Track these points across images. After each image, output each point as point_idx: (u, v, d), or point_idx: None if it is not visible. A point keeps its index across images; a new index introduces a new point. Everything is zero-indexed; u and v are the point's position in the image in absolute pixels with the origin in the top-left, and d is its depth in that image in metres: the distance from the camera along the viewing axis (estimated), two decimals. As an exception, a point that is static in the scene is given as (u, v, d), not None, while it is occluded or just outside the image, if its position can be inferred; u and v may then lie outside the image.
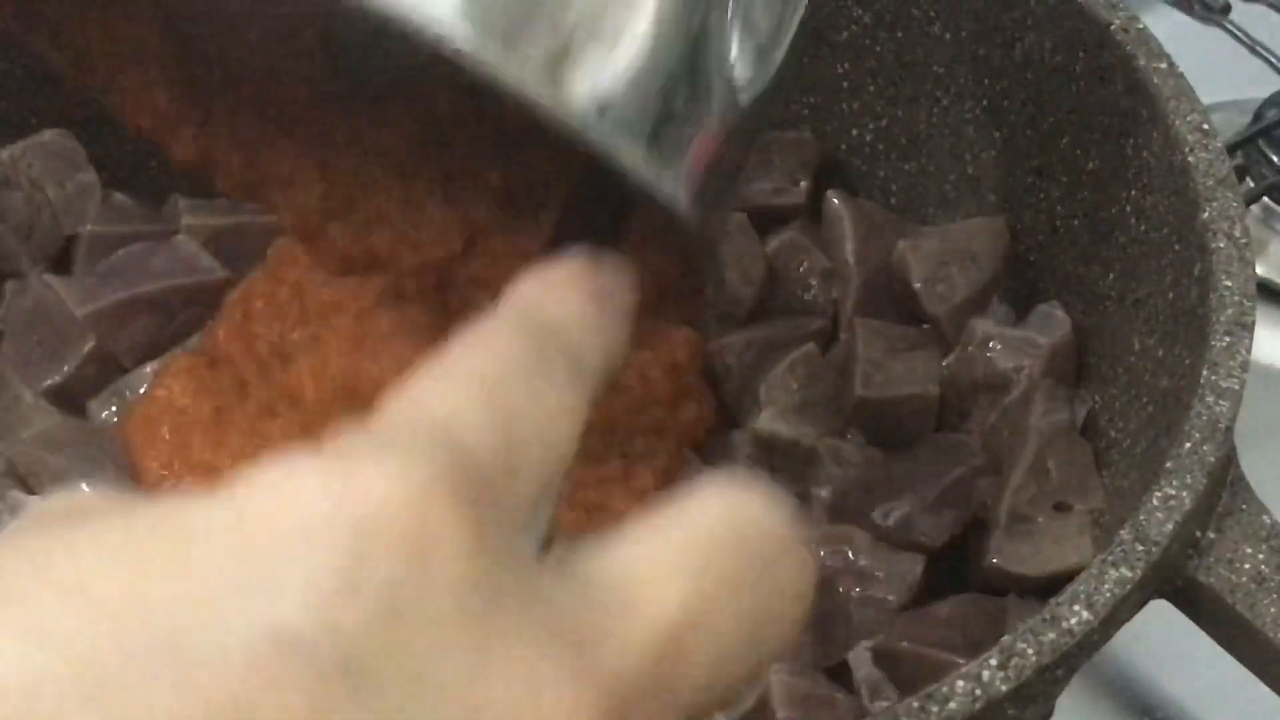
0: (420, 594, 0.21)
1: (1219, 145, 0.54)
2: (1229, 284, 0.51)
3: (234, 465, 0.57)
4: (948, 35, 0.65)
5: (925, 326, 0.63)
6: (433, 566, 0.21)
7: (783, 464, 0.60)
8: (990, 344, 0.61)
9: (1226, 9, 0.83)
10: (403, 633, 0.21)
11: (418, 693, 0.21)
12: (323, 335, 0.58)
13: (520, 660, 0.22)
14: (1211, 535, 0.48)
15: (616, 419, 0.57)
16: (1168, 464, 0.47)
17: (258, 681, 0.20)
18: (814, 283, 0.65)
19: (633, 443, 0.57)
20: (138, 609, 0.21)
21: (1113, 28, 0.58)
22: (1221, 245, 0.52)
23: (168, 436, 0.58)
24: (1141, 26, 0.58)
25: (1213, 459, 0.47)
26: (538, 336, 0.26)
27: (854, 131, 0.70)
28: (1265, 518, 0.49)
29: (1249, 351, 0.49)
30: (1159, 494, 0.46)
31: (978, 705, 0.41)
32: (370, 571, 0.21)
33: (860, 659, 0.54)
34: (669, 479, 0.57)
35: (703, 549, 0.25)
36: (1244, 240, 0.52)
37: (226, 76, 0.44)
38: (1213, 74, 0.64)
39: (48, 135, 0.65)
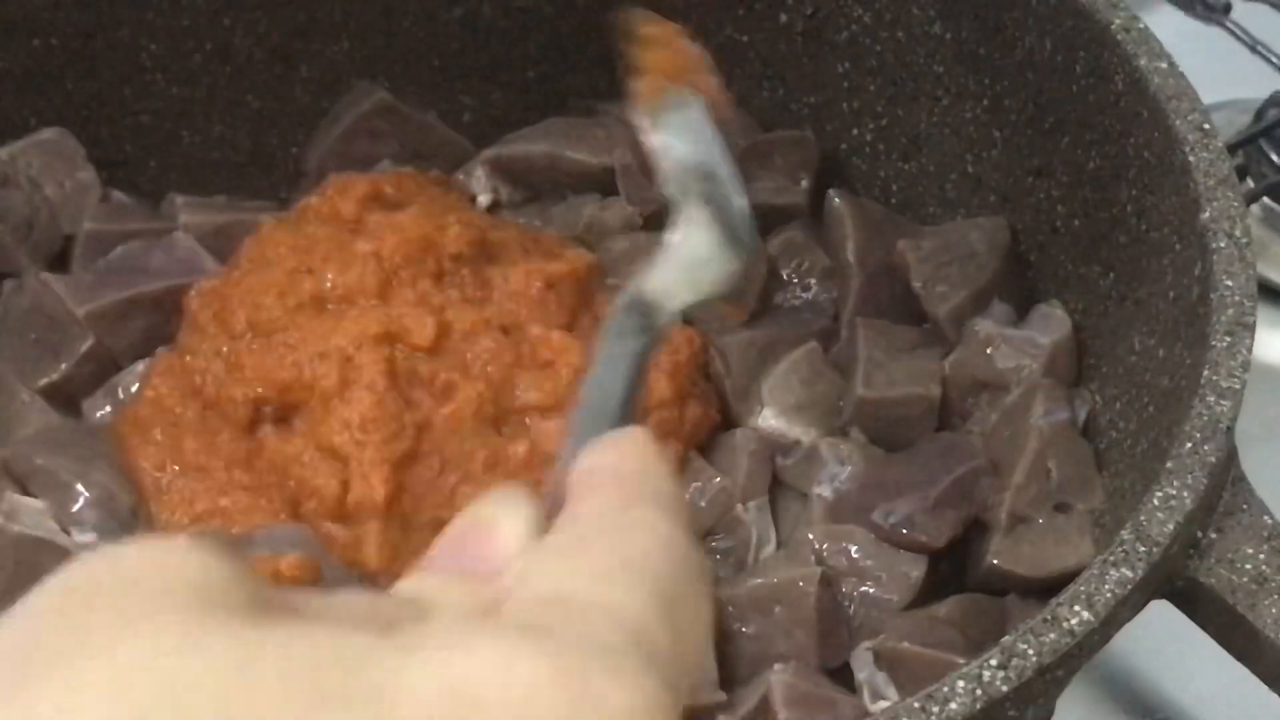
0: None
1: (1220, 145, 0.54)
2: (1230, 284, 0.51)
3: (228, 470, 0.57)
4: (948, 35, 0.65)
5: (926, 326, 0.63)
6: None
7: (784, 463, 0.60)
8: (991, 344, 0.61)
9: (1227, 9, 0.83)
10: None
11: None
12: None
13: None
14: (1212, 535, 0.48)
15: None
16: (1168, 464, 0.47)
17: None
18: (815, 282, 0.65)
19: None
20: None
21: (1113, 27, 0.58)
22: (1222, 245, 0.52)
23: (160, 438, 0.58)
24: (1142, 26, 0.58)
25: (1213, 459, 0.47)
26: (666, 507, 0.27)
27: (854, 131, 0.69)
28: (1266, 518, 0.49)
29: (1250, 351, 0.49)
30: (1159, 494, 0.46)
31: (978, 705, 0.41)
32: None
33: (861, 659, 0.54)
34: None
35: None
36: (1245, 240, 0.52)
37: None
38: (1213, 74, 0.64)
39: (47, 134, 0.65)
